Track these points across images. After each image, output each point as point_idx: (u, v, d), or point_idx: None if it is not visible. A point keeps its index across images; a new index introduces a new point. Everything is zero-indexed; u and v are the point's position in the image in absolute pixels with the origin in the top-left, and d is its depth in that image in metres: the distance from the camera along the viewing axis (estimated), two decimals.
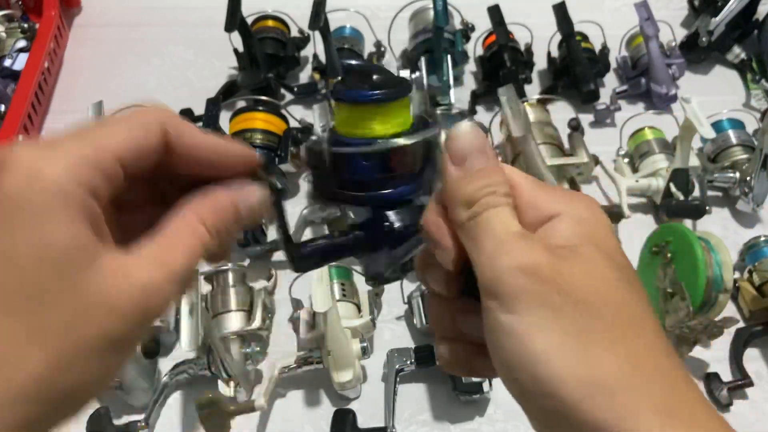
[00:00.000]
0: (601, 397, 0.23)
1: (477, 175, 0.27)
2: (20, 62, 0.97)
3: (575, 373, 0.23)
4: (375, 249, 0.35)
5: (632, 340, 0.24)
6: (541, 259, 0.25)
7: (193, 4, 1.15)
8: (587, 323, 0.24)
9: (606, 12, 1.16)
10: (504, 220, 0.26)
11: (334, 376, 0.67)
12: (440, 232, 0.28)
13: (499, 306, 0.25)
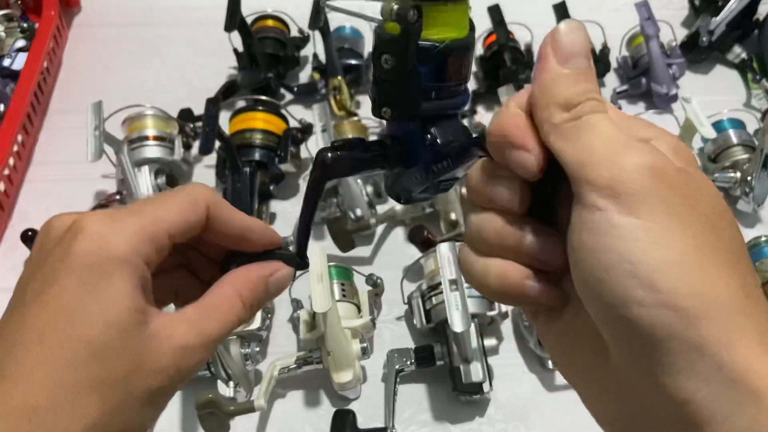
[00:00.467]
0: (718, 316, 0.22)
1: (581, 77, 0.26)
2: (19, 62, 0.97)
3: (697, 287, 0.22)
4: (409, 164, 0.33)
5: (744, 269, 0.23)
6: (670, 166, 0.24)
7: (192, 4, 1.15)
8: (710, 241, 0.23)
9: (606, 12, 1.16)
10: (611, 125, 0.25)
11: (334, 377, 0.67)
12: (525, 133, 0.26)
13: (617, 206, 0.23)
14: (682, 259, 0.22)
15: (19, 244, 0.80)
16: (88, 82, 1.04)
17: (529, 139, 0.26)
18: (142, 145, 0.85)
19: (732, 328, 0.22)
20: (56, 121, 0.99)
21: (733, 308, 0.22)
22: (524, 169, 0.26)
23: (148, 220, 0.28)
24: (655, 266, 0.22)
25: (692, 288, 0.22)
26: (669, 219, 0.23)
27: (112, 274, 0.26)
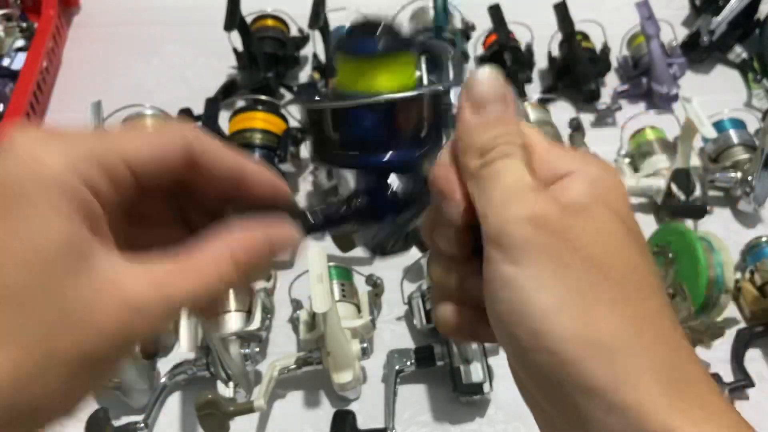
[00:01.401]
0: (601, 358, 0.22)
1: (494, 123, 0.26)
2: (19, 61, 0.97)
3: (577, 330, 0.22)
4: (377, 217, 0.33)
5: (638, 303, 0.23)
6: (552, 212, 0.24)
7: (192, 4, 1.15)
8: (593, 281, 0.23)
9: (607, 11, 1.15)
10: (516, 171, 0.25)
11: (334, 377, 0.67)
12: (450, 184, 0.27)
13: (503, 257, 0.24)
14: (560, 304, 0.23)
15: None
16: (87, 82, 1.04)
17: (454, 188, 0.27)
18: None
19: (618, 369, 0.22)
20: (56, 120, 0.99)
21: (619, 349, 0.22)
22: (449, 217, 0.27)
23: (99, 143, 0.23)
24: (536, 314, 0.23)
25: (572, 333, 0.22)
26: (549, 265, 0.23)
27: (40, 200, 0.21)
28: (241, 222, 0.26)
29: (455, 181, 0.27)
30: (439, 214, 0.28)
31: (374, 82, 0.32)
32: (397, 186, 0.33)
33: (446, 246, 0.28)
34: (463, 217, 0.26)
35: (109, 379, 0.66)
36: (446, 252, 0.28)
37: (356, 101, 0.31)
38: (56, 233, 0.21)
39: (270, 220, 0.27)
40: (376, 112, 0.31)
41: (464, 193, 0.27)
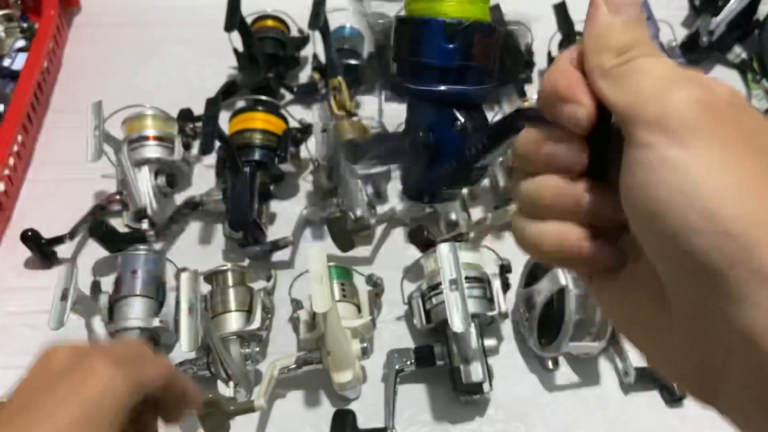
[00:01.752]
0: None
1: (633, 25, 0.26)
2: (19, 62, 0.97)
3: (755, 213, 0.22)
4: (437, 155, 0.32)
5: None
6: (720, 100, 0.24)
7: (192, 4, 1.15)
8: (766, 168, 0.23)
9: None
10: (667, 64, 0.25)
11: (334, 377, 0.67)
12: (575, 87, 0.26)
13: (669, 140, 0.23)
14: (738, 186, 0.22)
15: (18, 245, 0.80)
16: (87, 82, 1.04)
17: (579, 91, 0.26)
18: (141, 145, 0.85)
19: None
20: (56, 121, 0.99)
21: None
22: (575, 122, 0.26)
23: (139, 369, 0.33)
24: (710, 194, 0.22)
25: (750, 214, 0.22)
26: (721, 149, 0.23)
27: (105, 419, 0.30)
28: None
29: (580, 83, 0.27)
30: (552, 128, 0.27)
31: (447, 6, 0.31)
32: (464, 122, 0.32)
33: (568, 159, 0.27)
34: (590, 117, 0.26)
35: None
36: (566, 165, 0.27)
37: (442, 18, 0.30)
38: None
39: None
40: (457, 36, 0.31)
41: (592, 95, 0.26)
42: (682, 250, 0.23)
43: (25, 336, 0.76)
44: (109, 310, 0.72)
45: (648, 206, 0.24)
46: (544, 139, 0.28)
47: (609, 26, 0.26)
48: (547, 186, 0.28)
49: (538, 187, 0.28)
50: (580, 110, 0.26)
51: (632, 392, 0.73)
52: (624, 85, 0.25)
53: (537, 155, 0.28)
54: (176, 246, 0.85)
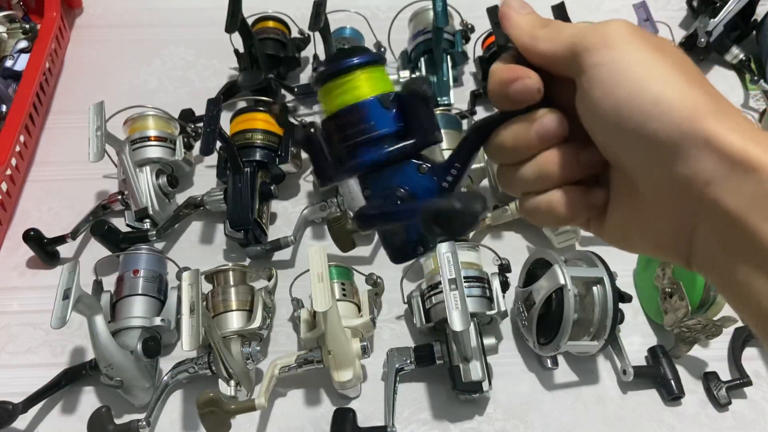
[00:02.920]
0: (713, 115, 0.27)
1: (533, 12, 0.34)
2: (21, 63, 0.97)
3: (690, 96, 0.28)
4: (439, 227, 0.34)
5: (710, 88, 0.29)
6: (641, 29, 0.31)
7: (193, 5, 1.16)
8: (686, 69, 0.29)
9: (605, 13, 1.16)
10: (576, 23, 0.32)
11: (335, 376, 0.68)
12: (515, 68, 0.32)
13: (613, 53, 0.29)
14: (672, 76, 0.28)
15: (21, 244, 0.81)
16: (89, 83, 1.04)
17: (519, 70, 0.32)
18: (143, 145, 0.85)
19: (724, 123, 0.27)
20: (58, 121, 1.00)
21: (718, 110, 0.28)
22: (528, 92, 0.32)
23: None
24: (657, 85, 0.28)
25: (687, 97, 0.28)
26: (653, 54, 0.29)
27: None
28: None
29: (518, 66, 0.32)
30: (521, 120, 0.33)
31: (364, 90, 0.36)
32: (426, 164, 0.36)
33: (555, 126, 0.32)
34: (537, 82, 0.32)
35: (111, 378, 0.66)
36: (557, 132, 0.32)
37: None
38: None
39: None
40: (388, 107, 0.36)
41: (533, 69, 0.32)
42: (643, 136, 0.28)
43: (28, 335, 0.77)
44: (111, 309, 0.72)
45: (610, 111, 0.29)
46: (529, 125, 0.32)
47: (526, 16, 0.33)
48: (549, 161, 0.33)
49: (542, 165, 0.33)
50: (528, 80, 0.32)
51: (630, 390, 0.73)
52: (562, 37, 0.31)
53: (528, 141, 0.33)
54: (177, 245, 0.85)
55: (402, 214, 0.35)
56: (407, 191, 0.36)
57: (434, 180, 0.36)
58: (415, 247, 0.37)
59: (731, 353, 0.75)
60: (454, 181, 0.36)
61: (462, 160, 0.36)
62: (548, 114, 0.32)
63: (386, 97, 0.36)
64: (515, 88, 0.32)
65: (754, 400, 0.73)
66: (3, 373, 0.74)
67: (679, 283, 0.71)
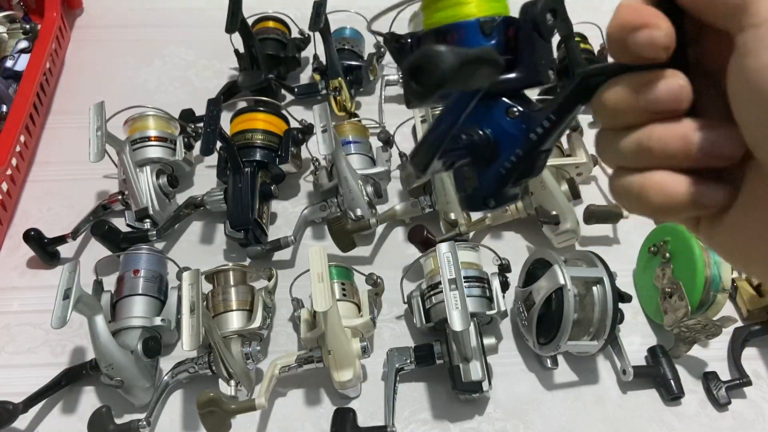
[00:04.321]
0: None
1: None
2: (22, 63, 0.97)
3: None
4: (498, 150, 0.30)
5: None
6: None
7: (194, 6, 1.16)
8: None
9: (605, 12, 1.16)
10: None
11: (335, 375, 0.68)
12: (644, 10, 0.25)
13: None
14: None
15: (21, 244, 0.81)
16: (90, 83, 1.05)
17: (648, 14, 0.25)
18: (143, 145, 0.85)
19: None
20: (58, 121, 1.00)
21: None
22: (654, 47, 0.25)
23: None
24: None
25: None
26: None
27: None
28: None
29: (649, 7, 0.25)
30: (640, 76, 0.26)
31: (472, 7, 0.31)
32: (520, 107, 0.30)
33: (670, 97, 0.25)
34: (670, 40, 0.25)
35: (111, 378, 0.66)
36: (670, 105, 0.25)
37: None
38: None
39: None
40: (489, 35, 0.31)
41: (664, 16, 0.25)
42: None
43: (28, 335, 0.77)
44: (112, 309, 0.73)
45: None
46: (638, 87, 0.26)
47: None
48: (653, 136, 0.26)
49: (643, 139, 0.26)
50: (656, 32, 0.24)
51: (630, 390, 0.73)
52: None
53: (633, 107, 0.26)
54: (178, 245, 0.85)
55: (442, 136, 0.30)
56: (485, 135, 0.31)
57: (522, 127, 0.30)
58: (486, 199, 0.32)
59: (731, 353, 0.75)
60: (545, 134, 0.30)
61: (558, 113, 0.30)
62: (669, 79, 0.25)
63: (490, 21, 0.31)
64: (638, 39, 0.25)
65: (753, 400, 0.73)
66: (3, 372, 0.74)
67: (678, 283, 0.71)
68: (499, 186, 0.32)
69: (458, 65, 0.23)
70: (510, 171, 0.31)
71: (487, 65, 0.25)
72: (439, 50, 0.23)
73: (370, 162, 0.88)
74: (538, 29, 0.31)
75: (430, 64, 0.23)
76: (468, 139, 0.31)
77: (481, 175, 0.32)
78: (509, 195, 0.32)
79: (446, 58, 0.23)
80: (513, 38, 0.31)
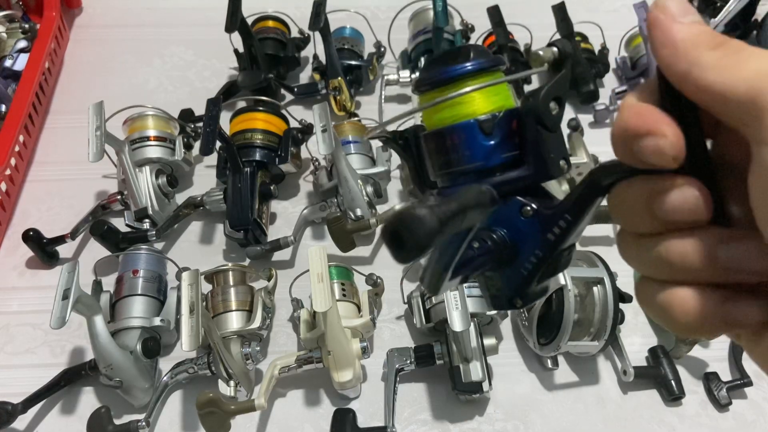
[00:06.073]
0: None
1: (704, 24, 0.23)
2: (21, 62, 0.97)
3: None
4: (516, 252, 0.28)
5: None
6: None
7: (193, 5, 1.15)
8: None
9: (605, 12, 1.16)
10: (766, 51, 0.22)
11: (334, 376, 0.67)
12: (650, 115, 0.23)
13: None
14: None
15: (20, 244, 0.81)
16: (89, 83, 1.04)
17: (654, 120, 0.23)
18: (143, 145, 0.85)
19: None
20: (57, 121, 0.99)
21: None
22: (661, 156, 0.22)
23: None
24: None
25: None
26: None
27: None
28: None
29: (656, 111, 0.23)
30: (654, 180, 0.24)
31: (474, 106, 0.30)
32: (534, 206, 0.29)
33: (686, 207, 0.23)
34: (679, 148, 0.22)
35: (111, 378, 0.66)
36: (688, 217, 0.23)
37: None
38: None
39: None
40: (490, 134, 0.30)
41: (673, 121, 0.23)
42: None
43: (27, 335, 0.77)
44: (111, 309, 0.72)
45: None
46: (650, 196, 0.24)
47: (690, 26, 0.23)
48: (672, 250, 0.24)
49: (662, 252, 0.24)
50: (662, 140, 0.22)
51: (631, 391, 0.73)
52: (742, 70, 0.21)
53: (648, 216, 0.24)
54: (177, 246, 0.85)
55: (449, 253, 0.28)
56: (501, 238, 0.29)
57: (538, 228, 0.29)
58: (512, 300, 0.31)
59: (732, 353, 0.75)
60: (562, 234, 0.28)
61: (573, 212, 0.28)
62: (683, 188, 0.23)
63: (490, 119, 0.30)
64: (642, 148, 0.23)
65: (754, 401, 0.73)
66: (2, 373, 0.74)
67: None
68: (523, 286, 0.30)
69: (439, 227, 0.22)
70: (532, 272, 0.30)
71: (474, 209, 0.24)
72: (417, 214, 0.21)
73: (370, 162, 0.87)
74: (542, 122, 0.29)
75: (408, 231, 0.21)
76: (482, 247, 0.29)
77: (504, 277, 0.31)
78: (536, 292, 0.31)
79: (426, 221, 0.21)
80: (518, 131, 0.30)
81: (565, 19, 0.98)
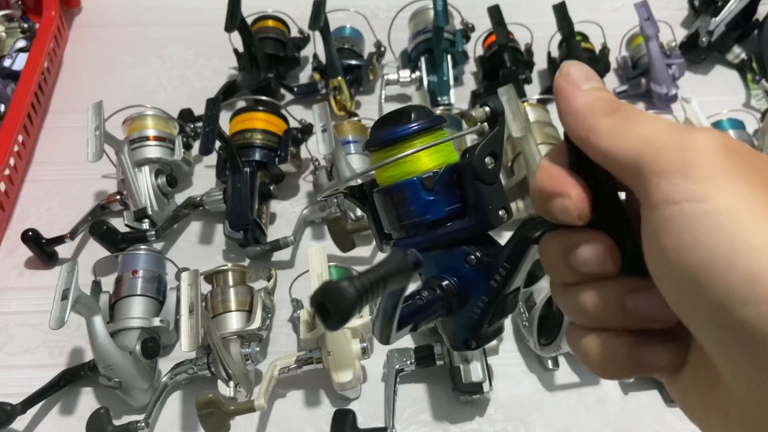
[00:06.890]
0: None
1: (605, 90, 0.26)
2: (20, 62, 0.97)
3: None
4: (465, 299, 0.30)
5: None
6: (740, 145, 0.21)
7: (193, 5, 1.15)
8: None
9: (606, 12, 1.16)
10: (660, 117, 0.24)
11: (334, 377, 0.67)
12: (558, 177, 0.25)
13: (694, 194, 0.20)
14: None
15: (19, 244, 0.81)
16: (88, 83, 1.04)
17: (562, 183, 0.25)
18: (142, 145, 0.85)
19: None
20: (56, 121, 0.99)
21: None
22: (566, 215, 0.25)
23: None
24: (752, 253, 0.19)
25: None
26: (753, 198, 0.20)
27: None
28: None
29: (564, 174, 0.25)
30: (571, 234, 0.26)
31: (416, 164, 0.32)
32: (476, 255, 0.31)
33: (596, 266, 0.25)
34: (583, 203, 0.25)
35: (110, 379, 0.66)
36: (596, 269, 0.25)
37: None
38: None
39: None
40: (432, 190, 0.32)
41: (580, 183, 0.25)
42: (728, 322, 0.20)
43: (26, 335, 0.76)
44: (110, 309, 0.72)
45: (683, 275, 0.21)
46: (565, 249, 0.26)
47: (589, 93, 0.25)
48: (587, 298, 0.26)
49: (578, 300, 0.26)
50: (567, 201, 0.25)
51: (632, 392, 0.73)
52: (630, 137, 0.23)
53: (566, 267, 0.26)
54: (177, 246, 0.85)
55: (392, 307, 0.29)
56: (453, 284, 0.31)
57: (482, 275, 0.31)
58: (467, 342, 0.33)
59: None
60: (503, 281, 0.31)
61: (510, 261, 0.31)
62: (592, 243, 0.25)
63: (431, 176, 0.32)
64: (551, 208, 0.25)
65: None
66: (1, 373, 0.74)
67: None
68: (475, 329, 0.32)
69: (358, 298, 0.23)
70: (482, 316, 0.32)
71: (394, 276, 0.25)
72: (337, 288, 0.23)
73: (369, 162, 0.87)
74: (479, 177, 0.31)
75: (331, 302, 0.23)
76: (432, 295, 0.31)
77: (456, 321, 0.33)
78: (489, 333, 0.33)
79: (345, 294, 0.23)
80: (459, 184, 0.32)
81: (566, 18, 0.97)
